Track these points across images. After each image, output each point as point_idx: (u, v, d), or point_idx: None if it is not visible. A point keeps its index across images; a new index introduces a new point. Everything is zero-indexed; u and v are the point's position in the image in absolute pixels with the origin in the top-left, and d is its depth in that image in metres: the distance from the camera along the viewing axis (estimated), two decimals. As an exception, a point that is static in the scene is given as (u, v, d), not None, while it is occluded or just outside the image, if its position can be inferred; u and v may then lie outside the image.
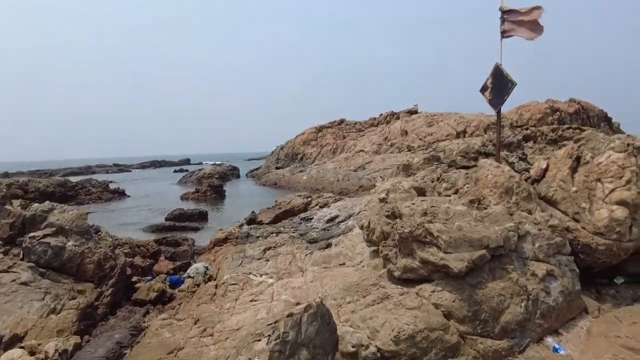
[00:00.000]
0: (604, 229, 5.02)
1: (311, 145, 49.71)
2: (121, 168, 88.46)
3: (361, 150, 41.20)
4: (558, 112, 27.72)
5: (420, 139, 36.15)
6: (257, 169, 54.53)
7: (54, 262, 7.68)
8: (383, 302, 4.38)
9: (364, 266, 5.59)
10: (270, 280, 7.56)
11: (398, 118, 46.25)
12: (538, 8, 7.55)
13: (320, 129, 51.67)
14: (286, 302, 6.10)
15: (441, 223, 4.67)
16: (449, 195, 9.66)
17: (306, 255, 8.44)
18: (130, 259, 10.47)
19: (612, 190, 5.14)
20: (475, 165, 11.36)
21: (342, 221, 11.42)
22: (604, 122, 29.37)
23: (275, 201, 17.12)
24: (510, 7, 8.29)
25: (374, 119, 51.53)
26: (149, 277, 9.68)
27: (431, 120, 37.75)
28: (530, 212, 5.40)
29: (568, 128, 25.16)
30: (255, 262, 8.94)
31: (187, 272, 9.56)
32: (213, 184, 31.73)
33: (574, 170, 5.72)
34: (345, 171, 35.54)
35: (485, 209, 5.36)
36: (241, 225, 12.74)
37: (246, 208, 22.14)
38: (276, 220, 15.48)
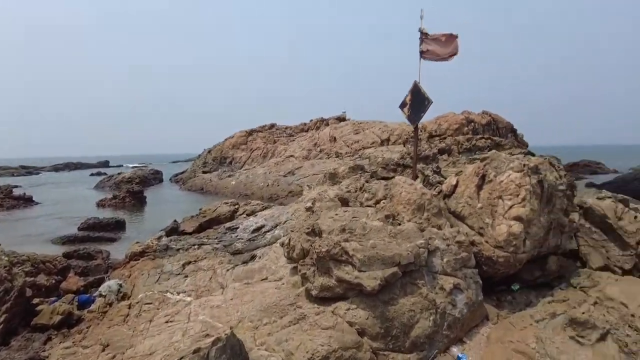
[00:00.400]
0: (503, 243, 5.47)
1: (241, 149, 48.91)
2: (30, 170, 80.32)
3: (291, 156, 41.30)
4: (472, 123, 29.92)
5: (348, 146, 37.07)
6: (182, 173, 52.36)
7: None
8: (299, 323, 4.38)
9: (283, 283, 5.57)
10: (188, 299, 7.26)
11: (327, 124, 47.09)
12: (454, 37, 8.12)
13: (250, 132, 51.04)
14: (203, 323, 5.88)
15: (357, 241, 4.79)
16: (371, 205, 10.01)
17: (227, 270, 8.22)
18: (32, 279, 9.52)
19: (511, 207, 5.61)
20: (395, 177, 11.89)
21: (268, 231, 11.32)
22: (511, 133, 32.23)
23: (200, 209, 16.56)
24: (428, 32, 8.79)
25: (305, 124, 52.01)
26: (53, 298, 8.85)
27: (358, 127, 38.91)
28: (440, 228, 5.73)
29: (481, 138, 27.34)
30: (174, 279, 8.54)
31: (99, 290, 8.90)
32: (132, 190, 29.94)
33: (479, 187, 6.16)
34: (275, 176, 35.38)
35: (400, 224, 5.60)
36: (160, 237, 12.12)
37: (168, 216, 21.09)
38: (200, 229, 14.94)
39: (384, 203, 6.57)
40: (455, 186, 6.66)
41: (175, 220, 16.75)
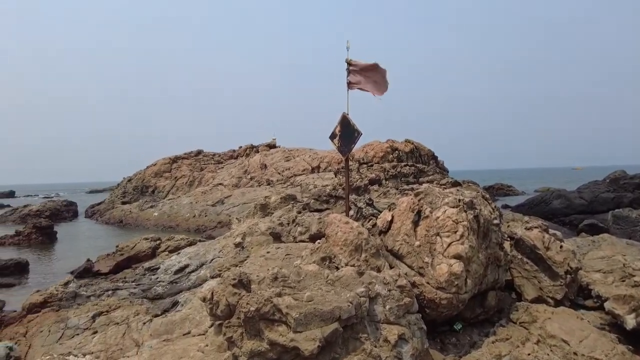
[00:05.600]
0: (445, 284, 5.23)
1: (164, 177, 46.33)
2: None
3: (220, 184, 39.87)
4: (397, 151, 31.03)
5: (279, 173, 36.63)
6: (99, 204, 48.28)
7: None
8: (225, 399, 3.71)
9: (207, 345, 4.85)
10: (96, 362, 6.20)
11: (257, 151, 46.39)
12: (378, 68, 8.06)
13: (175, 159, 48.62)
14: (111, 398, 4.94)
15: (291, 295, 4.26)
16: (305, 240, 9.52)
17: (144, 323, 7.21)
18: None
19: (449, 245, 5.42)
20: (328, 208, 11.56)
21: (193, 271, 10.37)
22: (432, 160, 33.92)
23: (117, 245, 15.04)
24: (355, 61, 8.71)
25: (234, 151, 50.76)
26: None
27: (288, 155, 38.73)
28: (379, 270, 5.38)
29: (405, 165, 28.31)
30: (80, 336, 7.34)
31: (-20, 357, 7.41)
32: (40, 225, 26.70)
33: (416, 223, 5.94)
34: (202, 206, 33.74)
35: (337, 268, 5.17)
36: (67, 283, 10.60)
37: (81, 254, 19.03)
38: (117, 269, 13.54)
39: (319, 243, 6.11)
40: (391, 222, 6.40)
41: (88, 260, 15.05)
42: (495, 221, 6.23)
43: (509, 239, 7.32)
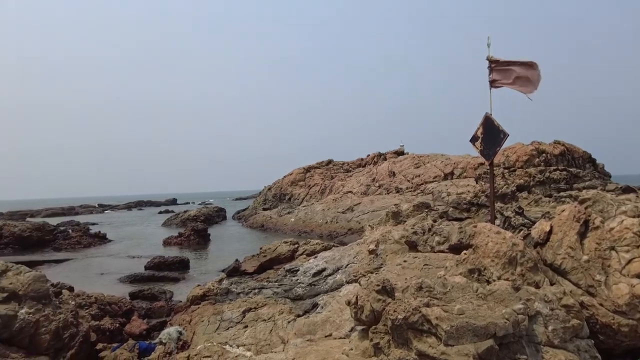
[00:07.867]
0: (626, 307, 4.42)
1: (299, 185, 49.22)
2: (105, 208, 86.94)
3: (349, 192, 40.74)
4: (544, 154, 27.74)
5: (408, 180, 35.89)
6: (243, 210, 53.51)
7: (3, 333, 6.80)
8: (374, 407, 3.66)
9: (352, 349, 4.88)
10: (248, 354, 6.74)
11: (385, 159, 46.27)
12: (532, 65, 7.33)
13: (308, 169, 51.38)
14: (263, 389, 5.30)
15: (440, 306, 4.03)
16: (443, 251, 9.06)
17: (289, 322, 7.64)
18: (97, 322, 9.55)
19: (630, 261, 4.58)
20: (469, 217, 10.85)
21: (329, 275, 10.70)
22: (589, 164, 29.45)
23: (260, 248, 16.38)
24: (498, 58, 8.07)
25: (362, 159, 51.53)
26: (116, 344, 8.73)
27: (418, 161, 37.68)
28: (537, 285, 4.80)
29: (555, 170, 25.10)
30: (233, 329, 8.10)
31: (159, 337, 8.70)
32: (197, 228, 30.64)
33: (582, 235, 5.17)
34: (333, 213, 34.85)
35: (488, 282, 4.76)
36: (221, 280, 11.89)
37: (230, 254, 21.25)
38: (261, 269, 14.69)
39: (465, 254, 5.72)
40: (549, 233, 5.68)
41: (237, 260, 16.65)
42: (692, 235, 5.08)
43: None
